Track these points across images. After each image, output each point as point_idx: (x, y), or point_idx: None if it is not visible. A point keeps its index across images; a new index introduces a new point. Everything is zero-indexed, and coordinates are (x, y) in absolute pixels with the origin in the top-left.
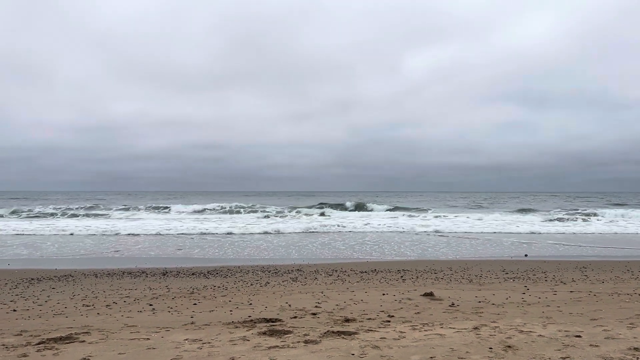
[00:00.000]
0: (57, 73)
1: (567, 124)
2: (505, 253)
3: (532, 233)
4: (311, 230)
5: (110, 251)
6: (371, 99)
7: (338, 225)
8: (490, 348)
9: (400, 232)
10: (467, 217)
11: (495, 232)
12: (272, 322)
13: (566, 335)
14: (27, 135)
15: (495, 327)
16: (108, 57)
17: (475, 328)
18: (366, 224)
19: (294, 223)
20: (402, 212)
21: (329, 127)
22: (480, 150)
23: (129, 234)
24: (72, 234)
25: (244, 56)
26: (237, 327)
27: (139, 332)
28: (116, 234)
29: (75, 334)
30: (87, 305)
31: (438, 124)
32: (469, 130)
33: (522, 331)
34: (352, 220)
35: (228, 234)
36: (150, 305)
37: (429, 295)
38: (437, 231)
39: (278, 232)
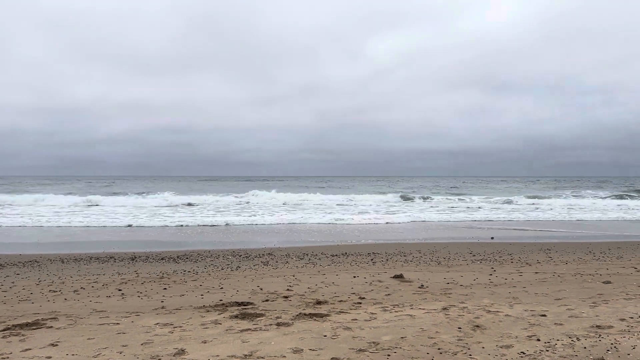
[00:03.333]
0: (10, 53)
1: (528, 109)
2: (472, 236)
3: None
4: None
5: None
6: (337, 84)
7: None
8: (459, 328)
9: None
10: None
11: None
12: (244, 305)
13: (532, 315)
14: None
15: (464, 307)
16: (63, 37)
17: (444, 309)
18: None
19: None
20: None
21: (295, 112)
22: (446, 134)
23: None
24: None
25: (205, 37)
26: (208, 311)
27: (108, 317)
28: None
29: (42, 319)
30: (54, 291)
31: (404, 108)
32: (435, 115)
33: (490, 311)
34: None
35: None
36: (120, 290)
37: (399, 277)
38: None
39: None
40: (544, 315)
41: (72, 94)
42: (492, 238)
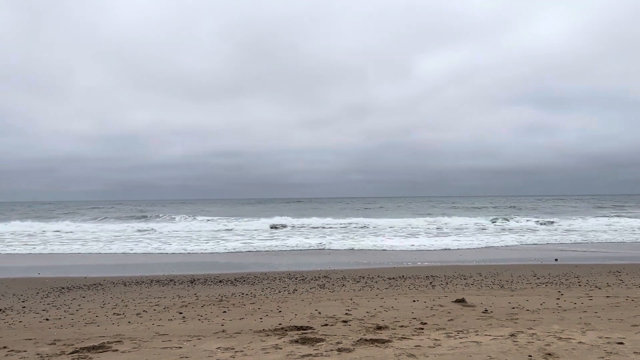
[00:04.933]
0: (71, 83)
1: (587, 125)
2: (534, 257)
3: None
4: None
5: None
6: (386, 103)
7: None
8: (530, 356)
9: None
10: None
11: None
12: (303, 329)
13: (607, 342)
14: (48, 146)
15: (533, 333)
16: (120, 65)
17: (512, 335)
18: None
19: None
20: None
21: (344, 133)
22: (499, 153)
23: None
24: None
25: (254, 62)
26: (268, 335)
27: (170, 340)
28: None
29: (108, 342)
30: (118, 314)
31: (455, 127)
32: (487, 133)
33: (561, 338)
34: None
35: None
36: (180, 313)
37: (461, 301)
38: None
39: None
40: (621, 343)
41: (129, 120)
42: (556, 260)
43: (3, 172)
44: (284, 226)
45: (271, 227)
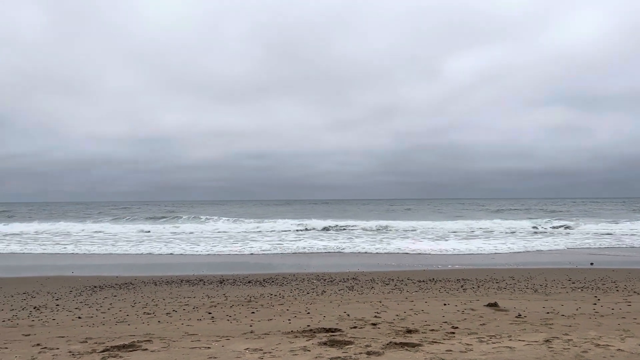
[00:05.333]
0: (103, 86)
1: (624, 126)
2: (568, 261)
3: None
4: None
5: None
6: (415, 105)
7: None
8: None
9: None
10: None
11: None
12: (332, 332)
13: None
14: (81, 148)
15: (569, 339)
16: (150, 68)
17: (547, 341)
18: None
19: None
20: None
21: (373, 134)
22: (532, 155)
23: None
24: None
25: (282, 64)
26: (296, 336)
27: (199, 340)
28: None
29: (138, 342)
30: (148, 313)
31: (487, 128)
32: (520, 135)
33: (599, 345)
34: None
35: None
36: (209, 313)
37: (493, 305)
38: None
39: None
40: None
41: (160, 122)
42: (592, 264)
43: (37, 174)
44: (312, 228)
45: (299, 229)
